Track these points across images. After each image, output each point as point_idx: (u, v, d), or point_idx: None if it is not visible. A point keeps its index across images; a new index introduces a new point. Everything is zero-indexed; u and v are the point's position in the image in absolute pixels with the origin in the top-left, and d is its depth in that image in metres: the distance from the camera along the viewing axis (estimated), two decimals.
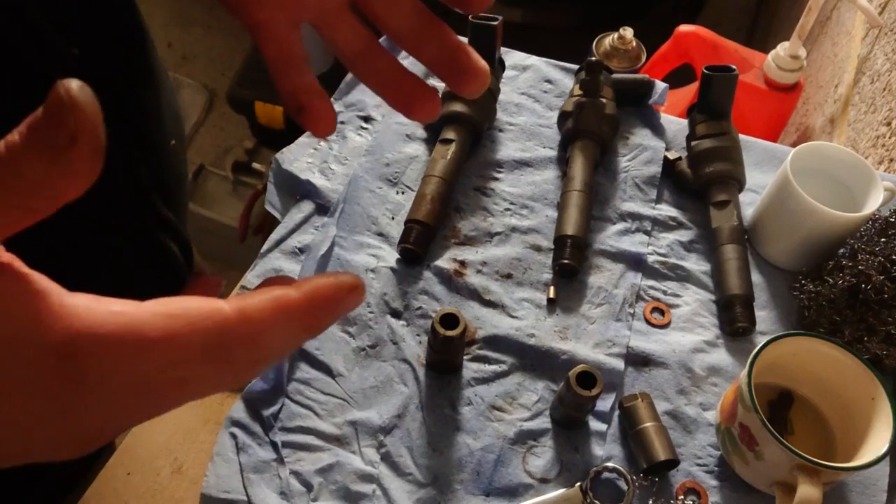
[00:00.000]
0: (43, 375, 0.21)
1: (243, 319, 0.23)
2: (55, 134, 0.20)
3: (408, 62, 0.42)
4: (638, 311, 0.64)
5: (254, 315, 0.23)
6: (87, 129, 0.20)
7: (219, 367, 0.23)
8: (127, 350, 0.21)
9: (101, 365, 0.21)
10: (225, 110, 1.89)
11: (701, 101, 0.71)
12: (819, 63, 1.27)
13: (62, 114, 0.20)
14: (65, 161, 0.20)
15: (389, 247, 0.66)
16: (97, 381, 0.21)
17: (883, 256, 0.59)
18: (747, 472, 0.53)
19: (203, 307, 0.22)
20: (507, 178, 0.72)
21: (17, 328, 0.21)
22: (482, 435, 0.56)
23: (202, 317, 0.22)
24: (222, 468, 0.53)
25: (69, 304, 0.22)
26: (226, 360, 0.23)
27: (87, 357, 0.21)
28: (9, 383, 0.21)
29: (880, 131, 0.90)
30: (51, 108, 0.20)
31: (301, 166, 0.71)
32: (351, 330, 0.61)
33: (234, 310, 0.23)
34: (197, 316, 0.22)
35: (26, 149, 0.20)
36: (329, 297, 0.24)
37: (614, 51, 0.98)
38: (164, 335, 0.22)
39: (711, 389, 0.60)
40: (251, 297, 0.23)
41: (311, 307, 0.24)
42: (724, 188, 0.68)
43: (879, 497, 0.55)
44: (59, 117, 0.20)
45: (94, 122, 0.20)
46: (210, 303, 0.23)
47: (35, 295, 0.21)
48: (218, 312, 0.22)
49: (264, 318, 0.23)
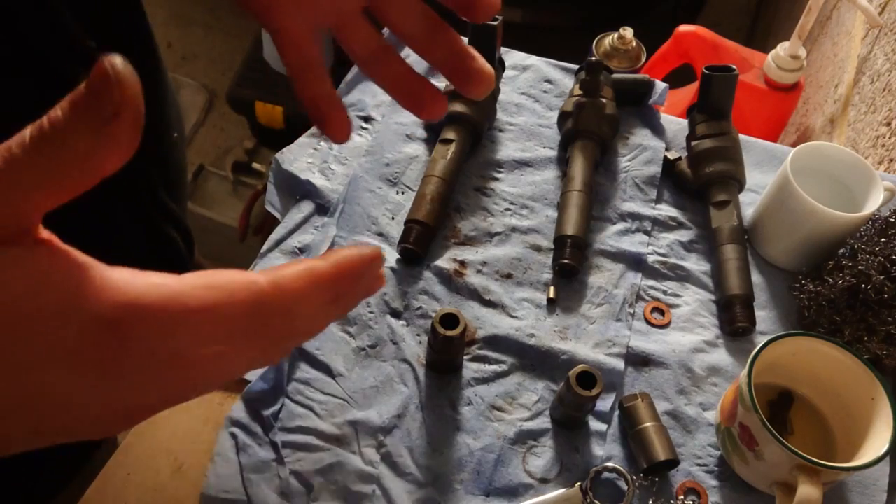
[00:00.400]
0: (90, 346, 0.21)
1: (278, 290, 0.23)
2: (100, 106, 0.21)
3: (411, 59, 0.42)
4: (638, 311, 0.64)
5: (287, 285, 0.23)
6: (130, 102, 0.21)
7: (256, 340, 0.23)
8: (170, 320, 0.22)
9: (146, 335, 0.22)
10: (225, 110, 1.89)
11: (701, 101, 0.71)
12: (819, 63, 1.27)
13: (107, 87, 0.21)
14: (108, 132, 0.21)
15: (389, 247, 0.66)
16: (141, 352, 0.22)
17: (883, 256, 0.59)
18: (747, 472, 0.53)
19: (240, 279, 0.23)
20: (507, 178, 0.72)
21: (64, 301, 0.21)
22: (482, 435, 0.56)
23: (240, 288, 0.23)
24: (222, 468, 0.53)
25: (110, 277, 0.22)
26: (263, 332, 0.23)
27: (131, 327, 0.21)
28: (58, 354, 0.21)
29: (880, 131, 0.90)
30: (96, 81, 0.21)
31: (301, 166, 0.71)
32: (351, 330, 0.61)
33: (269, 281, 0.23)
34: (235, 287, 0.23)
35: (71, 122, 0.21)
36: (354, 266, 0.25)
37: (614, 51, 0.98)
38: (204, 305, 0.22)
39: (711, 389, 0.60)
40: (283, 268, 0.24)
41: (339, 276, 0.25)
42: (724, 188, 0.68)
43: (879, 497, 0.55)
44: (105, 90, 0.21)
45: (136, 95, 0.21)
46: (246, 275, 0.23)
47: (78, 269, 0.22)
48: (254, 284, 0.23)
49: (298, 287, 0.24)
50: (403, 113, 0.75)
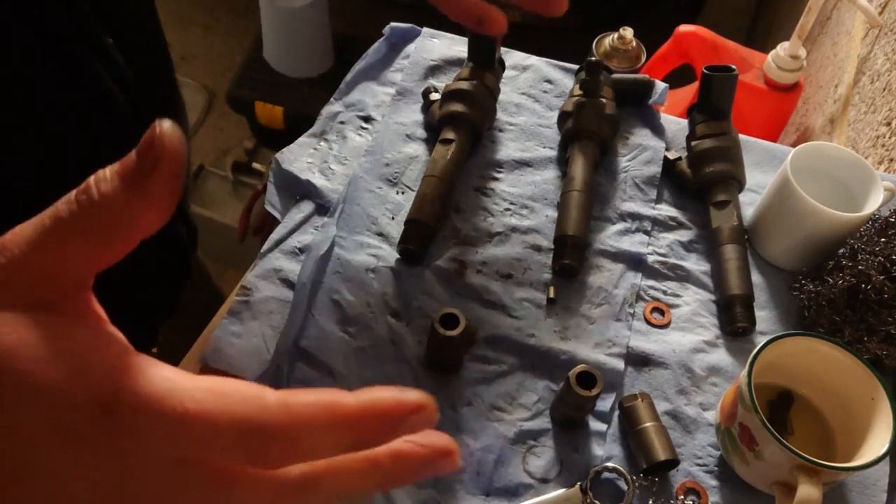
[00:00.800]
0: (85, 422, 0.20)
1: (284, 411, 0.21)
2: (141, 161, 0.21)
3: None
4: (638, 311, 0.64)
5: (297, 409, 0.21)
6: (169, 157, 0.21)
7: (252, 456, 0.21)
8: (164, 415, 0.21)
9: (138, 424, 0.21)
10: (225, 110, 1.89)
11: (701, 101, 0.71)
12: (819, 63, 1.27)
13: (150, 143, 0.21)
14: (145, 185, 0.21)
15: (389, 247, 0.66)
16: (133, 444, 0.21)
17: (883, 256, 0.59)
18: (747, 472, 0.53)
19: (248, 391, 0.21)
20: (507, 178, 0.72)
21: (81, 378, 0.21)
22: (482, 435, 0.56)
23: (243, 399, 0.21)
24: None
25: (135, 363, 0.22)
26: (260, 451, 0.21)
27: (126, 411, 0.21)
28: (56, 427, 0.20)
29: (880, 131, 0.90)
30: (142, 142, 0.21)
31: (301, 166, 0.71)
32: (351, 330, 0.61)
33: (278, 400, 0.21)
34: (238, 397, 0.21)
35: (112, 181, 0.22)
36: (386, 411, 0.22)
37: (614, 51, 0.98)
38: (200, 409, 0.21)
39: (711, 389, 0.60)
40: (301, 392, 0.22)
41: (364, 417, 0.22)
42: (724, 188, 0.68)
43: (879, 497, 0.55)
44: (147, 147, 0.21)
45: (178, 153, 0.21)
46: (256, 388, 0.22)
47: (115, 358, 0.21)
48: (260, 398, 0.21)
49: (307, 413, 0.21)
50: (403, 113, 0.75)
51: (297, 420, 0.21)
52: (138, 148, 0.22)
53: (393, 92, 0.77)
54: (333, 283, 0.63)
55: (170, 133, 0.21)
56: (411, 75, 0.78)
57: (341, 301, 0.62)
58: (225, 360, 0.59)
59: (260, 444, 0.21)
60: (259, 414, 0.21)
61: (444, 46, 0.81)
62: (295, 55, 1.71)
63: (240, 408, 0.21)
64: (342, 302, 0.62)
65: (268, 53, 1.72)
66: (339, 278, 0.63)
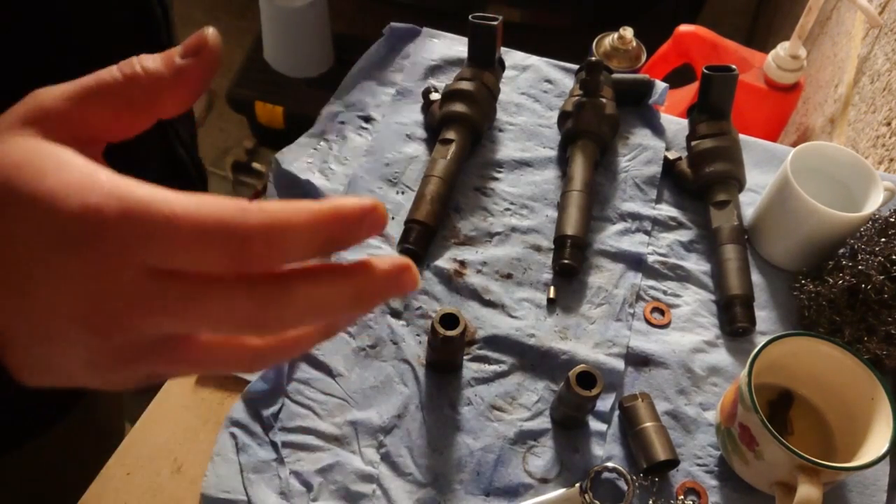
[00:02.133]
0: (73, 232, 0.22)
1: (263, 213, 0.23)
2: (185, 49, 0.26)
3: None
4: (638, 311, 0.64)
5: (274, 211, 0.23)
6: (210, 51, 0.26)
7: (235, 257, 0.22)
8: (151, 219, 0.22)
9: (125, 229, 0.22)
10: (225, 110, 1.89)
11: (701, 101, 0.71)
12: (819, 63, 1.27)
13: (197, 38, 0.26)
14: (184, 69, 0.26)
15: (389, 247, 0.66)
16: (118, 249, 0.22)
17: (883, 256, 0.59)
18: (747, 472, 0.53)
19: (226, 199, 0.23)
20: (507, 178, 0.72)
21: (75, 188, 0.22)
22: (482, 435, 0.56)
23: (224, 204, 0.23)
24: (222, 468, 0.53)
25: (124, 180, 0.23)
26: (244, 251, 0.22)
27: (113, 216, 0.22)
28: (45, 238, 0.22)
29: (880, 131, 0.90)
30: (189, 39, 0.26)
31: (301, 166, 0.71)
32: (351, 330, 0.61)
33: (256, 205, 0.23)
34: (219, 203, 0.22)
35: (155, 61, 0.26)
36: (351, 210, 0.24)
37: (614, 51, 0.98)
38: (186, 212, 0.22)
39: (711, 389, 0.60)
40: (274, 201, 0.24)
41: (334, 215, 0.24)
42: (725, 188, 0.68)
43: (879, 497, 0.55)
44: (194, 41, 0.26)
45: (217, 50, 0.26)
46: (233, 199, 0.23)
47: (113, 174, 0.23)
48: (238, 203, 0.23)
49: (284, 214, 0.23)
50: (403, 113, 0.75)
51: (276, 220, 0.22)
52: (185, 43, 0.26)
53: (393, 92, 0.77)
54: None
55: (214, 35, 0.26)
56: (411, 75, 0.78)
57: None
58: None
59: (243, 244, 0.22)
60: (242, 215, 0.22)
61: (444, 46, 0.81)
62: (295, 55, 1.71)
63: (222, 211, 0.22)
64: None
65: (268, 53, 1.72)
66: None
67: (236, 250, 0.22)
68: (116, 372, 0.25)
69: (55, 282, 0.22)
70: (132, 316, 0.23)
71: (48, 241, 0.22)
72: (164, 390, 0.58)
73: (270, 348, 0.26)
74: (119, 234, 0.22)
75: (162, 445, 0.55)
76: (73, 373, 0.25)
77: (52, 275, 0.22)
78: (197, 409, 0.57)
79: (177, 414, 0.57)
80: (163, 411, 0.57)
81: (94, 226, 0.22)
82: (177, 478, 0.54)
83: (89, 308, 0.23)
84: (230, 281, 0.23)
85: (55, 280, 0.22)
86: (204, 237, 0.22)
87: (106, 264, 0.22)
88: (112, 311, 0.23)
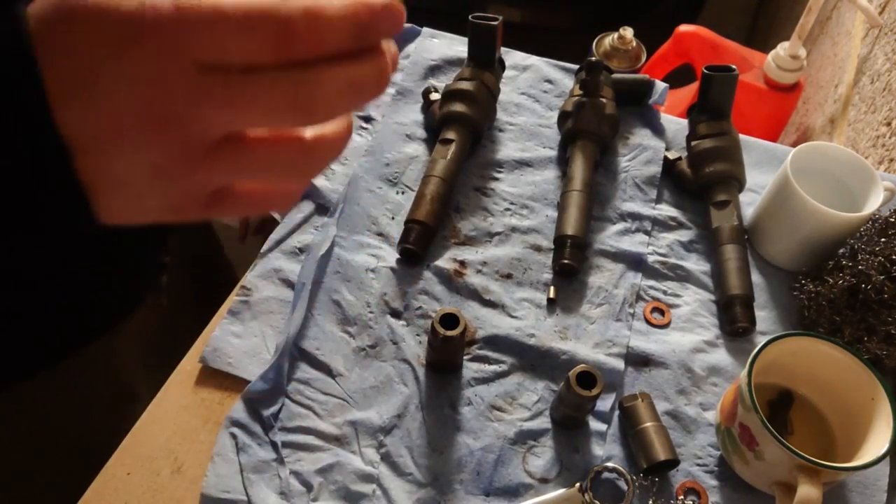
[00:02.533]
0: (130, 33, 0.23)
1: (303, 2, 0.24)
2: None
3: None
4: (638, 311, 0.64)
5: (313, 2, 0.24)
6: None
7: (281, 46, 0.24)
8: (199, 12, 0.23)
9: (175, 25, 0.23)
10: None
11: (701, 101, 0.71)
12: (819, 63, 1.27)
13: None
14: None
15: (389, 247, 0.66)
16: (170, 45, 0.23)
17: (883, 256, 0.59)
18: (747, 472, 0.53)
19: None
20: (507, 178, 0.72)
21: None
22: (482, 435, 0.56)
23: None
24: (222, 468, 0.53)
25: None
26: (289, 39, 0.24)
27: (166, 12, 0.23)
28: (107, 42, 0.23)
29: (880, 131, 0.90)
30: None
31: None
32: (351, 330, 0.61)
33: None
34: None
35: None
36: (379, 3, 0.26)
37: (614, 51, 0.98)
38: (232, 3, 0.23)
39: (711, 389, 0.60)
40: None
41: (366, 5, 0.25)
42: (725, 188, 0.68)
43: (879, 497, 0.55)
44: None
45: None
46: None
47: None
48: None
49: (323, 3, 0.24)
50: (403, 113, 0.75)
51: (314, 4, 0.24)
52: None
53: (393, 92, 0.77)
54: (333, 283, 0.63)
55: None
56: (411, 75, 0.78)
57: (341, 301, 0.62)
58: (224, 359, 0.59)
59: (286, 27, 0.24)
60: (284, 4, 0.24)
61: (444, 46, 0.81)
62: None
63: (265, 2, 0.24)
64: (342, 302, 0.62)
65: None
66: (339, 278, 0.63)
67: (280, 33, 0.24)
68: (184, 178, 0.26)
69: (118, 81, 0.24)
70: (188, 106, 0.24)
71: (109, 42, 0.23)
72: (164, 390, 0.58)
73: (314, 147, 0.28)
74: (174, 29, 0.23)
75: (162, 445, 0.55)
76: (142, 190, 0.26)
77: (115, 75, 0.23)
78: (197, 409, 0.57)
79: (177, 414, 0.57)
80: (163, 411, 0.57)
81: (151, 21, 0.23)
82: (177, 478, 0.54)
83: (150, 103, 0.24)
84: (272, 70, 0.24)
85: (118, 80, 0.24)
86: (250, 22, 0.23)
87: (163, 60, 0.23)
88: (171, 104, 0.24)
